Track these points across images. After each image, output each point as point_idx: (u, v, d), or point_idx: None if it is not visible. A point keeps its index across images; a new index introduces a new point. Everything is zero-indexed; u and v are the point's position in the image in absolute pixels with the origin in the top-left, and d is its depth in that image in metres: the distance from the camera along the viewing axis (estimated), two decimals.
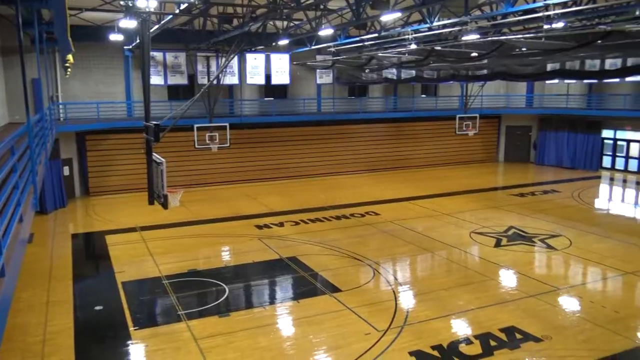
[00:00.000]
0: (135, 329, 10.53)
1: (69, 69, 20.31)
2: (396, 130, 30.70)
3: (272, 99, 28.14)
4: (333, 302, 11.71)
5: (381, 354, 9.31)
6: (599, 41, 11.95)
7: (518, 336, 9.96)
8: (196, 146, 22.04)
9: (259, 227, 18.40)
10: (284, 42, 20.30)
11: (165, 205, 12.01)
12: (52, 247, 16.36)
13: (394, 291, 12.42)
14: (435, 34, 18.33)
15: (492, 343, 9.71)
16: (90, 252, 17.08)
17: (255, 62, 25.16)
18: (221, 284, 12.96)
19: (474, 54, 16.49)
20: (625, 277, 13.14)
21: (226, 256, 15.92)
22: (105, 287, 13.05)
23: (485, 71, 20.74)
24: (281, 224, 18.71)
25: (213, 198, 23.44)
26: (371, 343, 9.72)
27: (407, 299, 12.00)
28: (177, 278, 13.39)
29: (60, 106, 23.14)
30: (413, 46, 18.36)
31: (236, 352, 9.51)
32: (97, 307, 11.77)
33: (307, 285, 12.88)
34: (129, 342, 10.05)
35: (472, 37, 15.79)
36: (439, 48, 17.11)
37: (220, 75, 22.09)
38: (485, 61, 17.12)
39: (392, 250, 15.70)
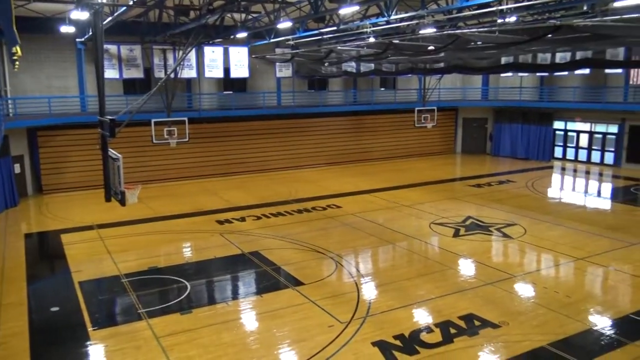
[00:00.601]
0: (94, 329, 10.28)
1: (17, 62, 19.52)
2: (356, 123, 30.91)
3: (231, 92, 27.85)
4: (296, 296, 11.75)
5: (344, 346, 9.41)
6: (549, 35, 12.34)
7: (477, 323, 10.24)
8: (154, 141, 21.58)
9: (220, 222, 18.23)
10: (242, 35, 20.09)
11: (122, 202, 11.75)
12: (4, 247, 15.75)
13: (356, 283, 12.55)
14: (393, 28, 18.49)
15: (452, 330, 9.95)
16: (45, 251, 16.53)
17: (213, 55, 24.83)
18: (183, 280, 12.79)
19: (431, 48, 16.75)
20: (577, 263, 13.69)
21: (187, 252, 15.71)
22: (62, 287, 12.67)
23: (442, 64, 21.12)
24: (243, 219, 18.60)
25: (173, 194, 23.06)
26: (334, 335, 9.81)
27: (369, 290, 12.15)
28: (136, 276, 13.13)
29: (9, 101, 22.23)
30: (372, 39, 18.50)
31: (199, 348, 9.43)
32: (54, 308, 11.42)
33: (270, 280, 12.87)
34: (88, 343, 9.81)
35: (429, 30, 16.03)
36: (397, 41, 17.29)
37: (177, 68, 21.68)
38: (442, 54, 17.41)
39: (354, 242, 15.84)
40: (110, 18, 15.77)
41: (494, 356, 9.08)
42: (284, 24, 16.70)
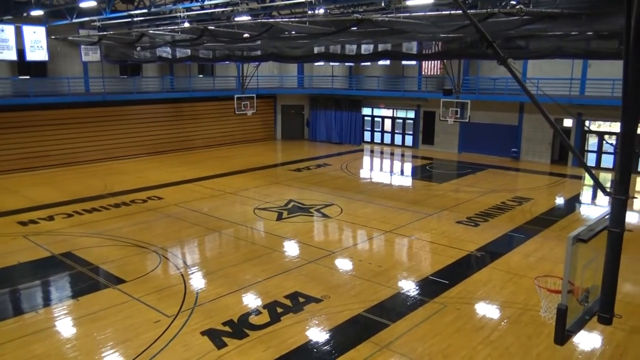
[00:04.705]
0: None
1: None
2: (175, 111, 29.93)
3: (28, 77, 24.79)
4: (117, 295, 11.11)
5: (173, 339, 9.21)
6: (354, 28, 13.36)
7: (301, 300, 10.82)
8: None
9: (23, 223, 16.28)
10: (37, 12, 18.00)
11: None
12: None
13: (182, 274, 12.30)
14: (208, 14, 18.26)
15: (279, 310, 10.37)
16: None
17: (3, 34, 21.78)
18: None
19: (246, 35, 16.92)
20: (386, 235, 15.22)
21: None
22: None
23: (258, 52, 21.48)
24: (51, 218, 16.86)
25: None
26: (162, 330, 9.54)
27: (196, 280, 12.02)
28: None
29: None
30: (186, 25, 18.03)
31: None
32: None
33: (87, 281, 11.94)
34: None
35: (244, 18, 16.19)
36: (213, 28, 17.10)
37: None
38: (258, 42, 17.71)
39: (179, 233, 15.46)
40: None
41: (318, 328, 9.71)
42: (87, 3, 15.39)
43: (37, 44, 22.94)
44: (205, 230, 15.68)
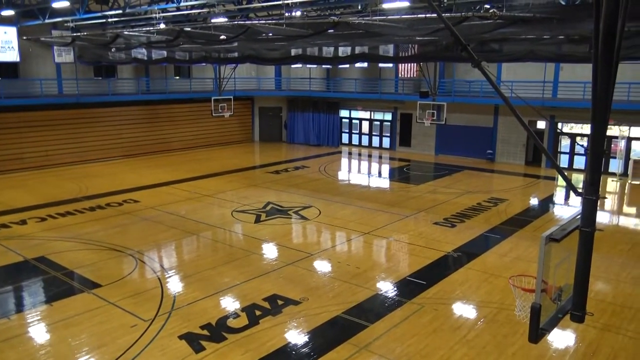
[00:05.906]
0: None
1: None
2: (151, 113, 29.59)
3: None
4: (93, 299, 10.94)
5: (150, 344, 9.11)
6: (331, 30, 13.42)
7: (280, 302, 10.80)
8: None
9: None
10: (8, 12, 17.64)
11: None
12: None
13: (159, 278, 12.17)
14: (184, 15, 18.13)
15: (258, 313, 10.33)
16: None
17: None
18: None
19: (223, 37, 16.85)
20: (364, 237, 15.29)
21: None
22: None
23: (235, 54, 21.39)
24: (23, 222, 16.51)
25: None
26: (139, 334, 9.42)
27: (173, 284, 11.90)
28: None
29: None
30: (162, 26, 17.86)
31: None
32: None
33: (61, 286, 11.72)
34: None
35: (220, 19, 16.10)
36: (189, 29, 16.99)
37: None
38: (235, 44, 17.65)
39: (155, 236, 15.28)
40: None
41: (297, 331, 9.71)
42: (60, 3, 15.15)
43: (8, 44, 22.47)
44: (182, 233, 15.54)
